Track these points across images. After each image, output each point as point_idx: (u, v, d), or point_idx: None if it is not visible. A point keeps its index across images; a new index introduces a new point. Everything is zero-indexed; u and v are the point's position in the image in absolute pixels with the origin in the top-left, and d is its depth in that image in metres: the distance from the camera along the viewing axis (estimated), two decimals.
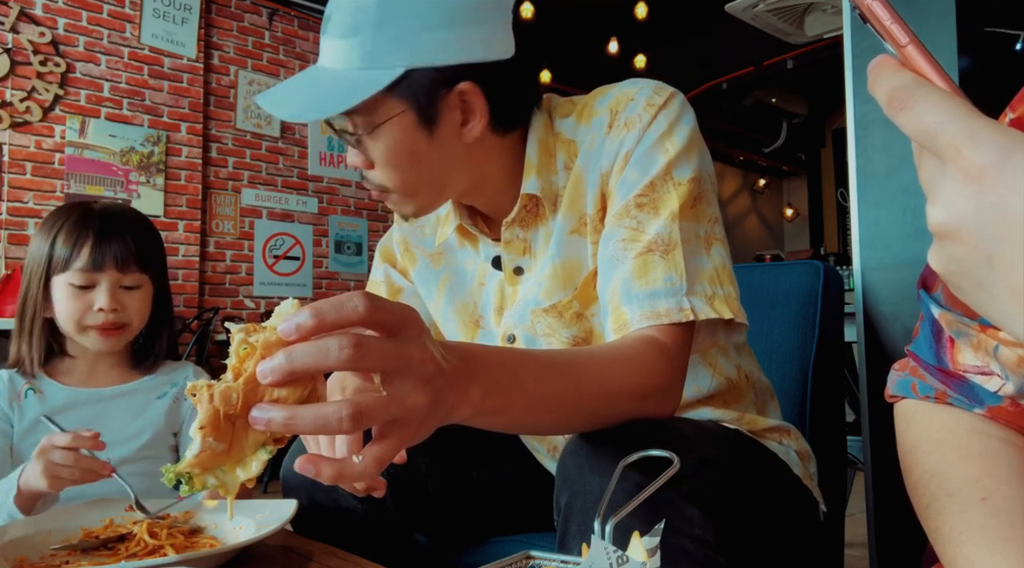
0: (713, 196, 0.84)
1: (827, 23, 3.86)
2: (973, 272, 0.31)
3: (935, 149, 0.31)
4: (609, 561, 0.45)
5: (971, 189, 0.29)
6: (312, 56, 5.38)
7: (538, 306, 0.88)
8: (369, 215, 5.65)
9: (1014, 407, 0.56)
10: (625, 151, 0.82)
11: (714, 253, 0.81)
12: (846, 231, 7.85)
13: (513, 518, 1.04)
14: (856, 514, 1.92)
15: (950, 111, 0.30)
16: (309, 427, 0.47)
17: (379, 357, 0.48)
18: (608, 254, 0.81)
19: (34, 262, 1.19)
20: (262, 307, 4.98)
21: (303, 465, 0.50)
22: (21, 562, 0.79)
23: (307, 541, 0.86)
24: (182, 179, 4.67)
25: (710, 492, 0.67)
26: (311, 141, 5.34)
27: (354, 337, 0.46)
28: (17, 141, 4.06)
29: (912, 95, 0.32)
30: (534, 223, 0.90)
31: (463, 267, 0.99)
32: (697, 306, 0.76)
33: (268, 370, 0.47)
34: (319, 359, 0.46)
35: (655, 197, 0.80)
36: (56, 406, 1.18)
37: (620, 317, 0.77)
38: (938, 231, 0.31)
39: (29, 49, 4.10)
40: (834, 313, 1.14)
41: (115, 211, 1.24)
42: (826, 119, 8.34)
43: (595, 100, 0.89)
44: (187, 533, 0.86)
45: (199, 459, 0.49)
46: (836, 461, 1.13)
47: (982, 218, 0.29)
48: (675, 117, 0.82)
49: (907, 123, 0.32)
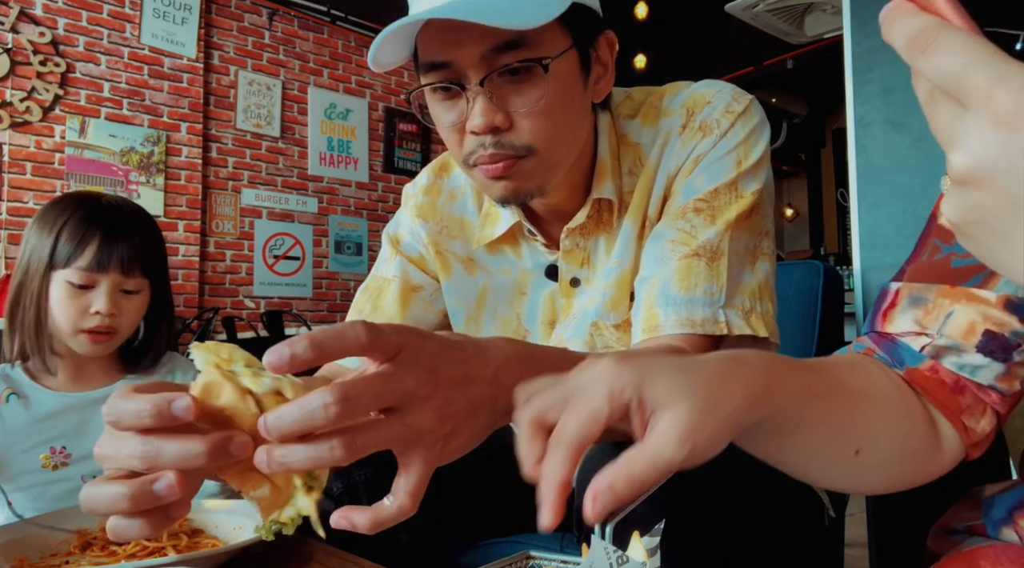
0: (770, 209, 0.82)
1: (827, 23, 3.86)
2: (995, 220, 0.29)
3: (961, 92, 0.29)
4: (609, 561, 0.45)
5: (1002, 133, 0.28)
6: (312, 56, 5.38)
7: (600, 318, 0.84)
8: (369, 215, 5.65)
9: (931, 373, 0.55)
10: (696, 155, 0.79)
11: (759, 268, 0.79)
12: (846, 231, 7.85)
13: (505, 519, 1.03)
14: (856, 514, 1.92)
15: (977, 53, 0.29)
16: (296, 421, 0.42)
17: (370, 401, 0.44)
18: (654, 252, 0.79)
19: (35, 255, 1.13)
20: (262, 307, 4.98)
21: (337, 521, 0.48)
22: (21, 562, 0.79)
23: (307, 541, 0.86)
24: (182, 179, 4.67)
25: (729, 500, 0.66)
26: (311, 141, 5.34)
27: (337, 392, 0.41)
28: (17, 141, 4.06)
29: (935, 37, 0.30)
30: (595, 232, 0.86)
31: (499, 275, 0.93)
32: (733, 320, 0.74)
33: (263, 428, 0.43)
34: (305, 420, 0.42)
35: (715, 205, 0.78)
36: (40, 413, 1.14)
37: (653, 317, 0.76)
38: (962, 178, 0.30)
39: (29, 49, 4.10)
40: (834, 313, 1.14)
41: (123, 208, 1.19)
42: (826, 119, 8.33)
43: (663, 99, 0.85)
44: (188, 533, 0.86)
45: (265, 508, 0.46)
46: None
47: (1013, 163, 0.27)
48: (752, 127, 0.80)
49: (930, 67, 0.30)
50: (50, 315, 1.14)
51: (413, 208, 0.98)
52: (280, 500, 0.46)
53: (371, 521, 0.46)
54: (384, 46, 0.73)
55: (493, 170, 0.75)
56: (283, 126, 5.20)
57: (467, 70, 0.73)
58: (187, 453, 0.42)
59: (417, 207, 0.98)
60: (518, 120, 0.73)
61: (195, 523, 0.90)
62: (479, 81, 0.72)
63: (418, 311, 0.96)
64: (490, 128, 0.73)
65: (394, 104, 5.85)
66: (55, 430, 1.15)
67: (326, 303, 5.32)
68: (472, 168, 0.78)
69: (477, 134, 0.74)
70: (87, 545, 0.83)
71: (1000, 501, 0.58)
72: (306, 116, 5.33)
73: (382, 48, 0.73)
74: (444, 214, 0.97)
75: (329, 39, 5.48)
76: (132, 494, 0.42)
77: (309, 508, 0.46)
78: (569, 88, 0.75)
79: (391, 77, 5.82)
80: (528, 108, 0.73)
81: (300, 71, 5.31)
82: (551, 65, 0.72)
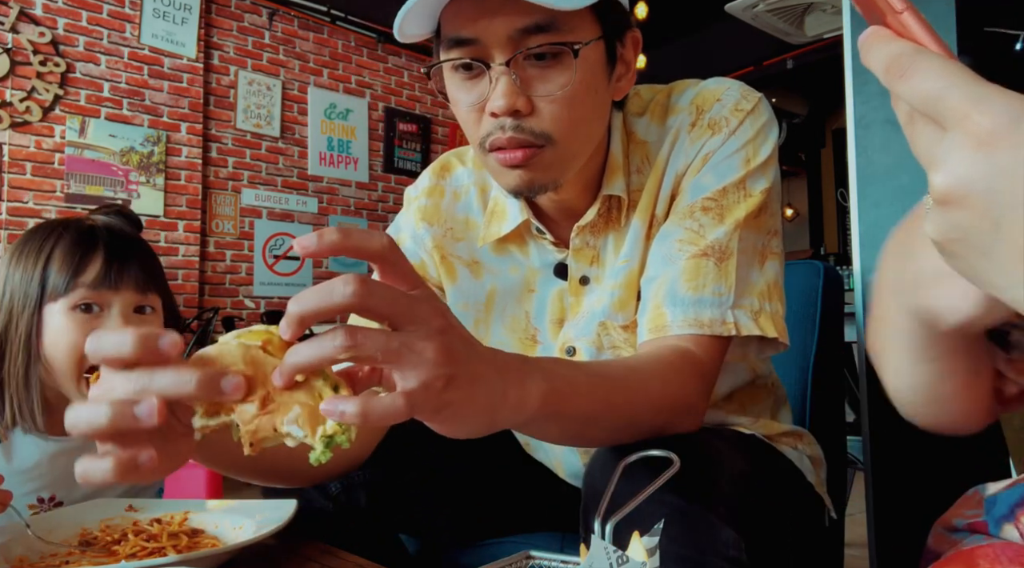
0: (778, 208, 0.82)
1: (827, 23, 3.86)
2: (976, 238, 0.30)
3: (939, 115, 0.30)
4: (609, 561, 0.45)
5: (980, 154, 0.28)
6: (312, 56, 5.38)
7: (607, 318, 0.83)
8: (369, 215, 5.65)
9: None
10: (705, 153, 0.79)
11: (768, 267, 0.79)
12: (846, 231, 7.85)
13: (505, 519, 1.03)
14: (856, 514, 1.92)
15: (953, 76, 0.30)
16: (317, 300, 0.44)
17: (385, 300, 0.45)
18: (662, 251, 0.79)
19: (18, 294, 0.96)
20: (262, 307, 4.98)
21: (326, 409, 0.44)
22: (21, 562, 0.79)
23: (307, 541, 0.86)
24: (182, 179, 4.67)
25: (743, 510, 0.66)
26: (311, 141, 5.34)
27: (360, 277, 0.44)
28: (17, 141, 4.06)
29: (911, 62, 0.31)
30: (605, 229, 0.85)
31: (506, 274, 0.91)
32: (741, 320, 0.74)
33: (283, 325, 0.45)
34: (324, 299, 0.44)
35: (723, 204, 0.77)
36: (24, 464, 0.98)
37: (660, 317, 0.75)
38: (942, 198, 0.30)
39: (29, 49, 4.10)
40: (834, 313, 1.14)
41: (118, 226, 1.05)
42: (826, 119, 8.33)
43: (670, 97, 0.85)
44: (188, 533, 0.86)
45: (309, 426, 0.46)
46: (836, 461, 1.13)
47: (992, 183, 0.28)
48: (761, 126, 0.80)
49: (908, 90, 0.31)
50: (44, 358, 0.97)
51: (417, 212, 0.96)
52: (316, 414, 0.46)
53: (360, 409, 0.43)
54: (410, 16, 0.72)
55: (511, 158, 0.73)
56: (283, 126, 5.20)
57: (493, 48, 0.71)
58: (178, 381, 0.43)
59: (421, 210, 0.96)
60: (540, 106, 0.72)
61: (195, 523, 0.90)
62: (505, 61, 0.70)
63: None
64: (511, 110, 0.71)
65: (394, 104, 5.85)
66: (42, 480, 1.01)
67: None
68: (487, 153, 0.76)
69: (497, 116, 0.72)
70: (87, 545, 0.83)
71: (1003, 498, 0.58)
72: (306, 116, 5.33)
73: (408, 18, 0.72)
74: (449, 215, 0.95)
75: (329, 39, 5.48)
76: (113, 412, 0.43)
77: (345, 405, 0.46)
78: (594, 80, 0.74)
79: (391, 77, 5.82)
80: (552, 94, 0.71)
81: (300, 71, 5.31)
82: (580, 52, 0.70)
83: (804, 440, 0.93)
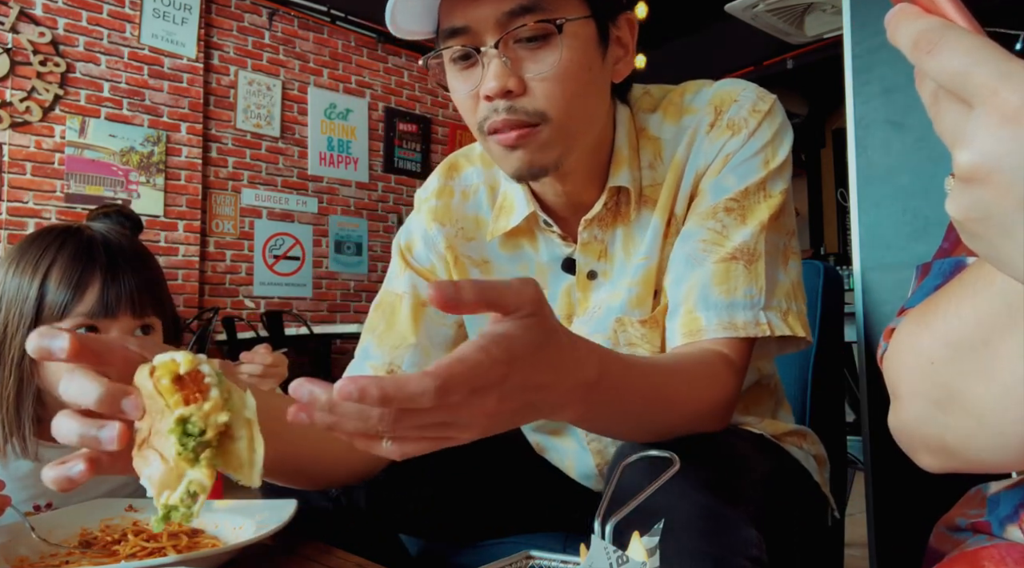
0: (792, 209, 0.82)
1: (827, 23, 3.86)
2: (999, 217, 0.30)
3: (966, 92, 0.30)
4: (609, 561, 0.45)
5: (1007, 130, 0.28)
6: (312, 56, 5.38)
7: (625, 314, 0.84)
8: (369, 215, 5.65)
9: None
10: (725, 154, 0.80)
11: (791, 267, 0.80)
12: (846, 231, 7.85)
13: (505, 519, 1.03)
14: (856, 514, 1.92)
15: (982, 52, 0.29)
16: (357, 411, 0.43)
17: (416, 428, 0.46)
18: (685, 252, 0.79)
19: (13, 308, 0.93)
20: (262, 307, 4.98)
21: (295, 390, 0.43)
22: (21, 562, 0.79)
23: (307, 541, 0.86)
24: (182, 179, 4.67)
25: (765, 510, 0.67)
26: (311, 141, 5.34)
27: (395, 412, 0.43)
28: (17, 141, 4.07)
29: (940, 37, 0.30)
30: (613, 223, 0.86)
31: (516, 272, 0.92)
32: (773, 321, 0.75)
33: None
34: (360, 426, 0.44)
35: (745, 205, 0.78)
36: (18, 472, 0.98)
37: (695, 322, 0.76)
38: (967, 175, 0.30)
39: (29, 49, 4.10)
40: (834, 313, 1.14)
41: (116, 240, 1.01)
42: (826, 119, 8.33)
43: (683, 97, 0.85)
44: (188, 533, 0.86)
45: (158, 487, 0.44)
46: (836, 461, 1.13)
47: (1018, 160, 0.28)
48: (778, 128, 0.81)
49: (935, 66, 0.30)
50: (40, 377, 0.95)
51: (428, 213, 0.96)
52: (172, 475, 0.43)
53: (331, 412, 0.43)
54: (402, 9, 0.74)
55: (507, 138, 0.74)
56: (283, 126, 5.20)
57: (483, 34, 0.73)
58: (82, 391, 0.46)
59: (432, 211, 0.96)
60: (532, 85, 0.74)
61: (195, 523, 0.90)
62: (493, 43, 0.73)
63: (432, 326, 0.93)
64: (503, 91, 0.73)
65: (394, 104, 5.85)
66: (37, 487, 0.99)
67: (326, 303, 5.32)
68: (487, 137, 0.77)
69: (491, 99, 0.74)
70: (87, 545, 0.83)
71: (1006, 498, 0.58)
72: (306, 116, 5.33)
73: (401, 10, 0.74)
74: (459, 215, 0.95)
75: (329, 39, 5.48)
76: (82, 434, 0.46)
77: (202, 482, 0.44)
78: (585, 58, 0.75)
79: (391, 77, 5.82)
80: (543, 74, 0.73)
81: (300, 71, 5.32)
82: (565, 27, 0.72)
83: (808, 439, 0.93)
